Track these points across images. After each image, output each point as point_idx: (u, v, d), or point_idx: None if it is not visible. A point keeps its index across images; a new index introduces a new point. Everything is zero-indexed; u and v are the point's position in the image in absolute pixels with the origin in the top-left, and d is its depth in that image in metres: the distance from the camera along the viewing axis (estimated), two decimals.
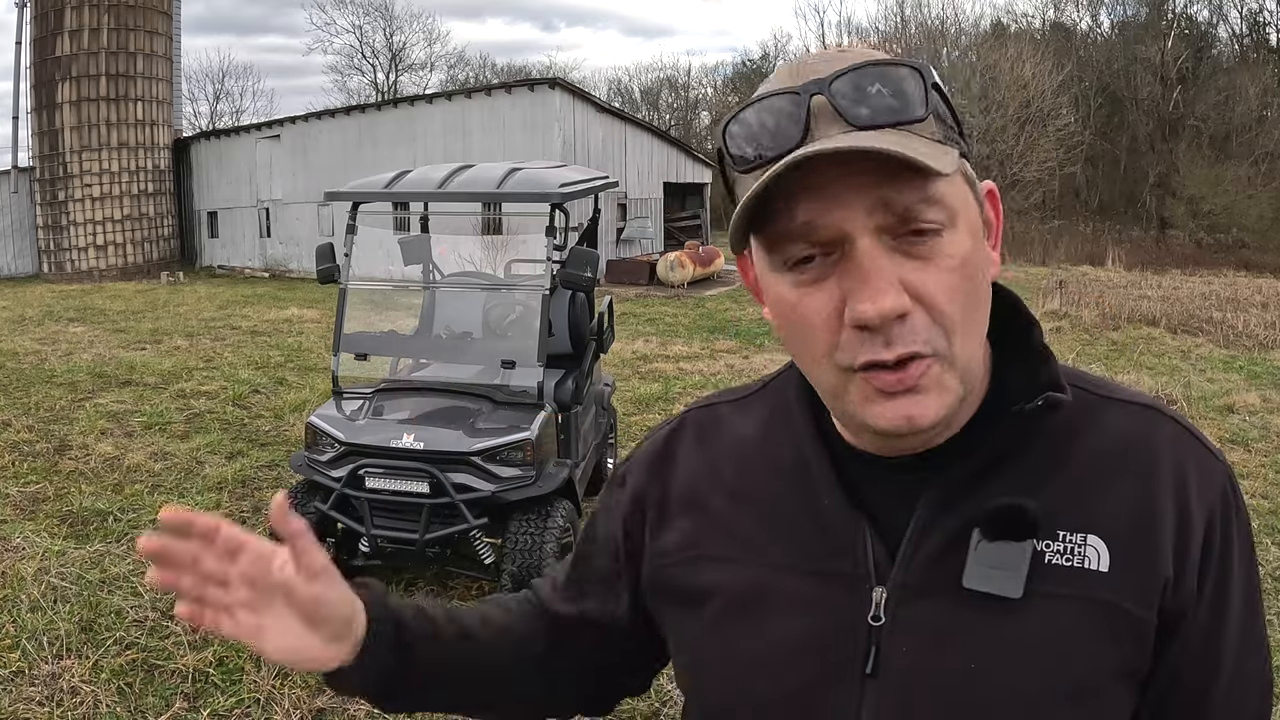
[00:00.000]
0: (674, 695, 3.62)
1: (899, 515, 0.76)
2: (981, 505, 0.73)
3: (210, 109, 50.61)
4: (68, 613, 4.16)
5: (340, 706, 3.50)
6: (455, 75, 53.16)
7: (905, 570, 0.74)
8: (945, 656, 0.72)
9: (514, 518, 3.97)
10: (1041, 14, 43.83)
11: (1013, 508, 0.72)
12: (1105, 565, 0.72)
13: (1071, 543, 0.72)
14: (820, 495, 0.79)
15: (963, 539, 0.73)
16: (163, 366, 10.06)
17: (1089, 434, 0.76)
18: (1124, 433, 0.77)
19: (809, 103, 0.67)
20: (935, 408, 0.68)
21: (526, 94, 20.78)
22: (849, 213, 0.65)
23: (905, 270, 0.66)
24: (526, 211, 5.57)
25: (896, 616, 0.74)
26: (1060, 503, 0.73)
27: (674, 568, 0.85)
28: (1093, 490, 0.74)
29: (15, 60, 24.53)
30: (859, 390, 0.69)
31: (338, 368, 4.56)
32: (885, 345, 0.66)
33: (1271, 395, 8.91)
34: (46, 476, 6.20)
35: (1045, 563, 0.72)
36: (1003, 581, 0.71)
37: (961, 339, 0.68)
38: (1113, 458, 0.75)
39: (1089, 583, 0.71)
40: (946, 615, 0.73)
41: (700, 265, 20.18)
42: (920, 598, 0.74)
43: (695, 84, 60.73)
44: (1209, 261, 26.72)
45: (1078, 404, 0.76)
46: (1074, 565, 0.72)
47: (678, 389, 9.06)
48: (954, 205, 0.68)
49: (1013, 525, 0.72)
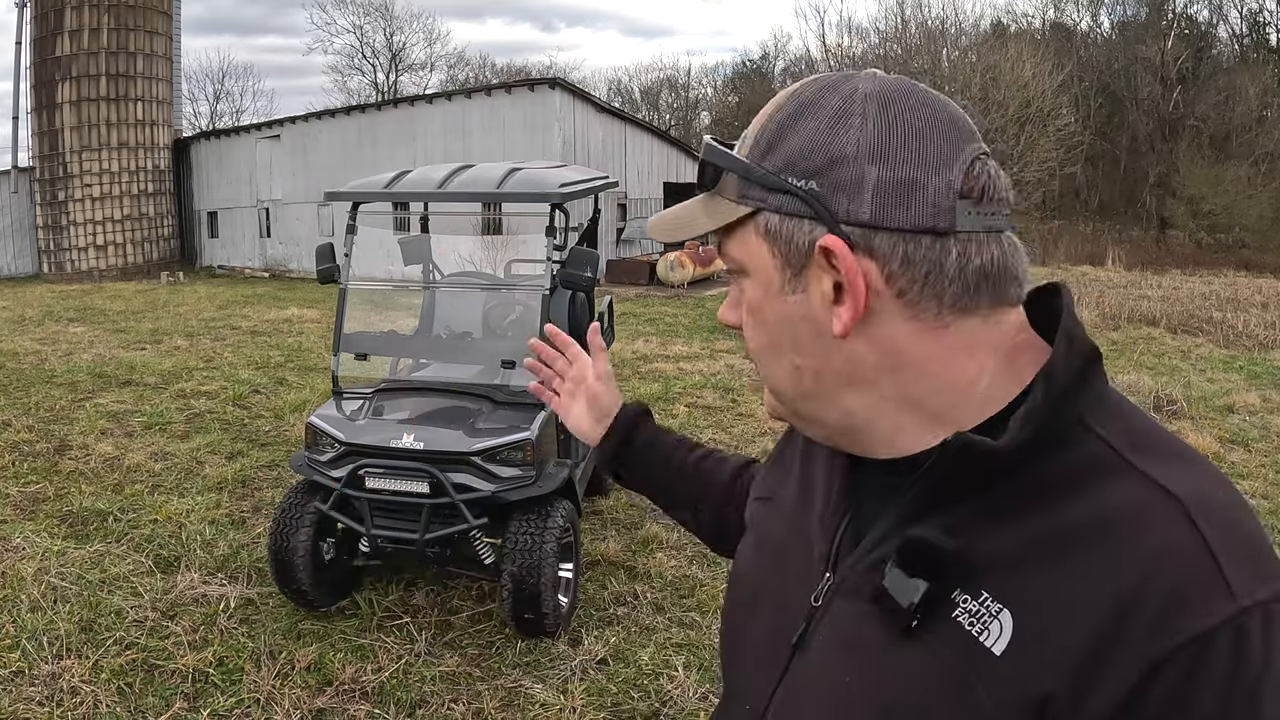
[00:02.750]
0: (674, 695, 3.62)
1: (875, 515, 0.78)
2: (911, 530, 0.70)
3: (210, 109, 50.67)
4: (68, 613, 4.16)
5: (340, 707, 3.50)
6: (455, 75, 53.16)
7: (852, 566, 0.77)
8: (837, 660, 0.75)
9: (514, 518, 3.97)
10: (1041, 14, 43.82)
11: (920, 542, 0.68)
12: (1001, 648, 0.63)
13: (986, 609, 0.65)
14: (836, 476, 0.85)
15: (888, 557, 0.72)
16: (163, 366, 10.06)
17: (1076, 498, 0.65)
18: (1117, 510, 0.63)
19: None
20: (767, 403, 0.84)
21: (526, 94, 20.78)
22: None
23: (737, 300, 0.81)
24: (526, 211, 5.56)
25: (829, 606, 0.78)
26: (998, 561, 0.66)
27: (755, 501, 1.01)
28: (1038, 562, 0.64)
29: (15, 60, 24.56)
30: None
31: (338, 368, 4.56)
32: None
33: (1271, 395, 8.91)
34: (46, 476, 6.21)
35: (950, 615, 0.66)
36: (889, 612, 0.69)
37: (764, 367, 0.80)
38: (1081, 533, 0.63)
39: (973, 659, 0.64)
40: (854, 622, 0.74)
41: (700, 265, 20.17)
42: (849, 596, 0.76)
43: (695, 84, 60.84)
44: (1209, 261, 26.72)
45: (1093, 461, 0.66)
46: (972, 633, 0.65)
47: (678, 389, 9.06)
48: (739, 257, 0.77)
49: (913, 559, 0.68)
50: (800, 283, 0.73)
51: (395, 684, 3.66)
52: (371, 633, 4.06)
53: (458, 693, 3.63)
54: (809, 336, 0.74)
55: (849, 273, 0.70)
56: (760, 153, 0.74)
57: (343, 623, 4.16)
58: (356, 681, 3.66)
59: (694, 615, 4.31)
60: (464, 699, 3.58)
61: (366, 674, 3.71)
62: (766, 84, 52.28)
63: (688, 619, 4.28)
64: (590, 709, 3.53)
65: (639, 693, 3.66)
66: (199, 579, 4.56)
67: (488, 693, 3.62)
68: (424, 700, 3.58)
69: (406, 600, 4.36)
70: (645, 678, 3.76)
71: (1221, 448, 6.98)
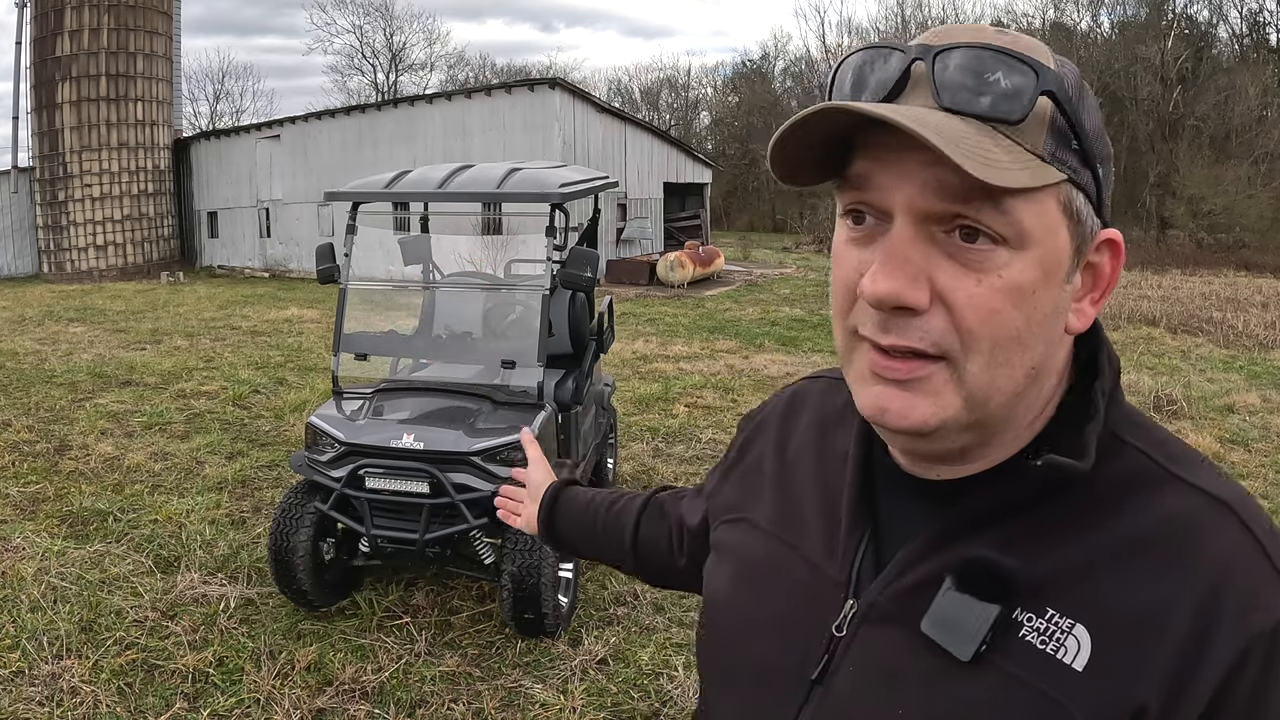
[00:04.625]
0: (674, 695, 3.62)
1: (901, 536, 0.73)
2: (967, 552, 0.68)
3: (210, 109, 50.75)
4: (68, 613, 4.16)
5: (340, 707, 3.50)
6: (455, 75, 53.26)
7: (880, 592, 0.72)
8: (881, 692, 0.69)
9: None
10: (1041, 14, 43.78)
11: (987, 563, 0.66)
12: (1082, 663, 0.62)
13: (1056, 625, 0.63)
14: (841, 492, 0.79)
15: (937, 581, 0.68)
16: (163, 366, 10.06)
17: (1129, 510, 0.65)
18: (1170, 518, 0.64)
19: (908, 65, 0.64)
20: (921, 413, 0.64)
21: (526, 94, 20.77)
22: (901, 183, 0.62)
23: (939, 269, 0.62)
24: (526, 211, 5.56)
25: (856, 635, 0.72)
26: (1061, 577, 0.65)
27: (723, 524, 0.93)
28: (1104, 574, 0.64)
29: (15, 60, 24.58)
30: (859, 363, 0.67)
31: (338, 368, 4.56)
32: (882, 329, 0.64)
33: (1271, 395, 8.91)
34: (46, 476, 6.20)
35: (1018, 636, 0.64)
36: (955, 638, 0.65)
37: (984, 366, 0.63)
38: (1143, 543, 0.64)
39: (1055, 677, 0.62)
40: (897, 651, 0.69)
41: (700, 265, 20.18)
42: (882, 624, 0.71)
43: (695, 84, 60.95)
44: (1209, 261, 26.71)
45: (1137, 473, 0.67)
46: (1046, 651, 0.63)
47: (678, 389, 9.05)
48: (1027, 227, 0.62)
49: (982, 582, 0.65)
50: (1075, 274, 0.67)
51: (395, 684, 3.66)
52: (371, 633, 4.06)
53: (458, 693, 3.63)
54: (1058, 332, 0.67)
55: (1115, 272, 0.68)
56: (1074, 111, 0.64)
57: (343, 623, 4.16)
58: (356, 681, 3.66)
59: (694, 615, 4.31)
60: (464, 699, 3.58)
61: (366, 674, 3.71)
62: (766, 84, 52.31)
63: (688, 619, 4.28)
64: (590, 709, 3.53)
65: (639, 693, 3.66)
66: (199, 579, 4.56)
67: (488, 693, 3.62)
68: (424, 700, 3.58)
69: (406, 600, 4.36)
70: (645, 678, 3.76)
71: (1221, 448, 6.97)
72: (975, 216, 0.61)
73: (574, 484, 1.35)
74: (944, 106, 0.61)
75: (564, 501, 1.30)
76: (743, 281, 21.21)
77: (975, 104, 0.61)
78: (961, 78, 0.62)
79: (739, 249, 27.87)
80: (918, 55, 0.63)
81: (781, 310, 15.69)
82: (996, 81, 0.61)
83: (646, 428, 7.59)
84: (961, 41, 0.63)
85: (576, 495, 1.31)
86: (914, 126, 0.57)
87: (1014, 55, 0.61)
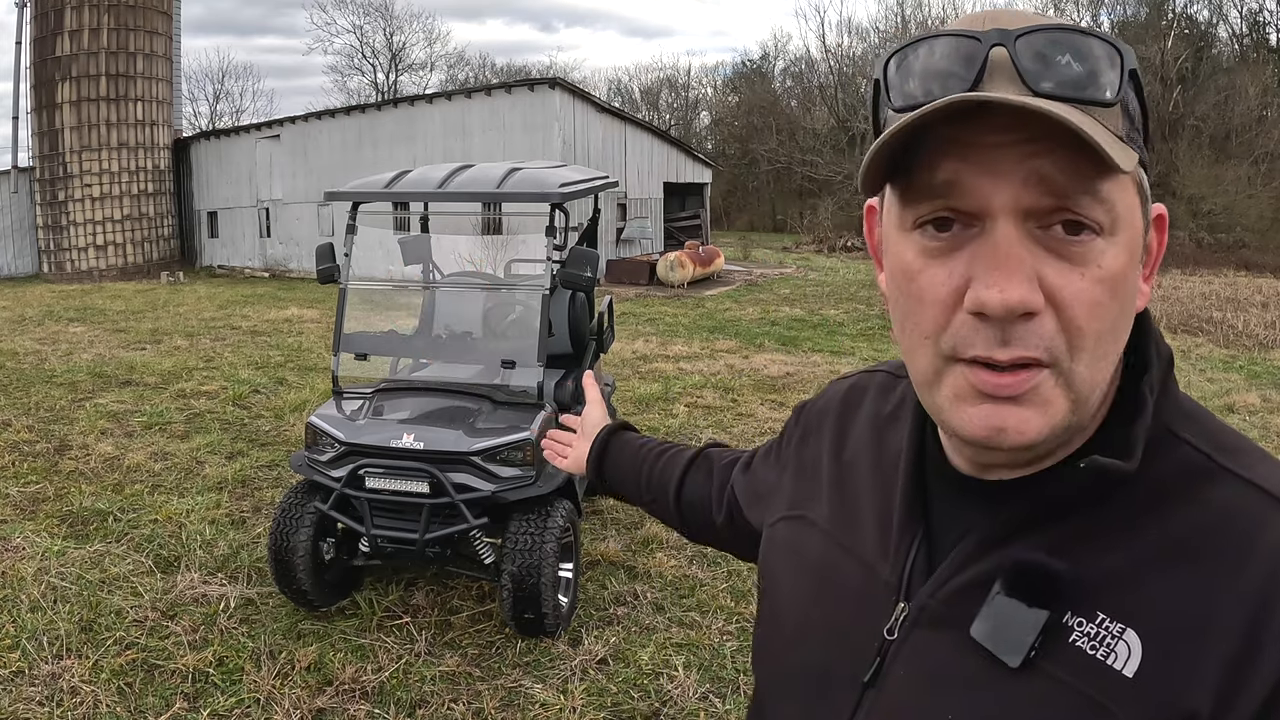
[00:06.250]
0: (674, 695, 3.62)
1: (953, 537, 0.72)
2: (1017, 554, 0.66)
3: (210, 109, 50.77)
4: (68, 613, 4.16)
5: (340, 706, 3.50)
6: (455, 75, 53.25)
7: (931, 595, 0.71)
8: (931, 696, 0.68)
9: (514, 518, 3.97)
10: (1041, 14, 43.82)
11: (1036, 567, 0.64)
12: (1133, 669, 0.60)
13: (1107, 630, 0.62)
14: (895, 493, 0.78)
15: (987, 583, 0.67)
16: (163, 366, 10.06)
17: (1180, 508, 0.63)
18: (1222, 516, 0.62)
19: (987, 53, 0.60)
20: (1036, 426, 0.61)
21: (526, 94, 20.77)
22: (999, 181, 0.58)
23: (1046, 267, 0.59)
24: (526, 211, 5.56)
25: (908, 638, 0.72)
26: (1111, 580, 0.63)
27: (783, 520, 0.92)
28: (1154, 577, 0.62)
29: (15, 60, 24.58)
30: (955, 383, 0.62)
31: (338, 368, 4.56)
32: (1001, 343, 0.59)
33: (1271, 395, 8.91)
34: (46, 476, 6.20)
35: (1068, 641, 0.63)
36: (1004, 643, 0.64)
37: (1089, 362, 0.61)
38: (1194, 542, 0.62)
39: (1105, 683, 0.61)
40: (947, 655, 0.68)
41: (700, 265, 20.18)
42: (933, 627, 0.70)
43: (695, 84, 60.95)
44: (1209, 261, 26.70)
45: (1187, 469, 0.65)
46: (1096, 656, 0.61)
47: (678, 389, 9.06)
48: (1120, 212, 0.60)
49: (1031, 586, 0.64)
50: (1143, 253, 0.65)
51: (395, 684, 3.66)
52: (371, 633, 4.06)
53: (458, 693, 3.63)
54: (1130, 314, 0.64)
55: (1162, 246, 0.66)
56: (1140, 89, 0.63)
57: (343, 623, 4.16)
58: (356, 681, 3.66)
59: (694, 615, 4.31)
60: (464, 699, 3.58)
61: (366, 674, 3.71)
62: (766, 84, 52.29)
63: (688, 619, 4.28)
64: (590, 709, 3.53)
65: (639, 693, 3.66)
66: (199, 579, 4.56)
67: (488, 693, 3.62)
68: (424, 700, 3.58)
69: (406, 600, 4.36)
70: (645, 678, 3.76)
71: None
72: (1077, 207, 0.58)
73: (628, 429, 1.38)
74: (1039, 92, 0.58)
75: (615, 446, 1.33)
76: (743, 281, 21.21)
77: (1069, 87, 0.58)
78: (1052, 61, 0.58)
79: (739, 249, 27.86)
80: (997, 41, 0.59)
81: (781, 310, 15.70)
82: (1088, 65, 0.59)
83: (646, 428, 7.59)
84: (1037, 24, 0.60)
85: (628, 441, 1.33)
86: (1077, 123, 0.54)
87: (1097, 36, 0.59)
